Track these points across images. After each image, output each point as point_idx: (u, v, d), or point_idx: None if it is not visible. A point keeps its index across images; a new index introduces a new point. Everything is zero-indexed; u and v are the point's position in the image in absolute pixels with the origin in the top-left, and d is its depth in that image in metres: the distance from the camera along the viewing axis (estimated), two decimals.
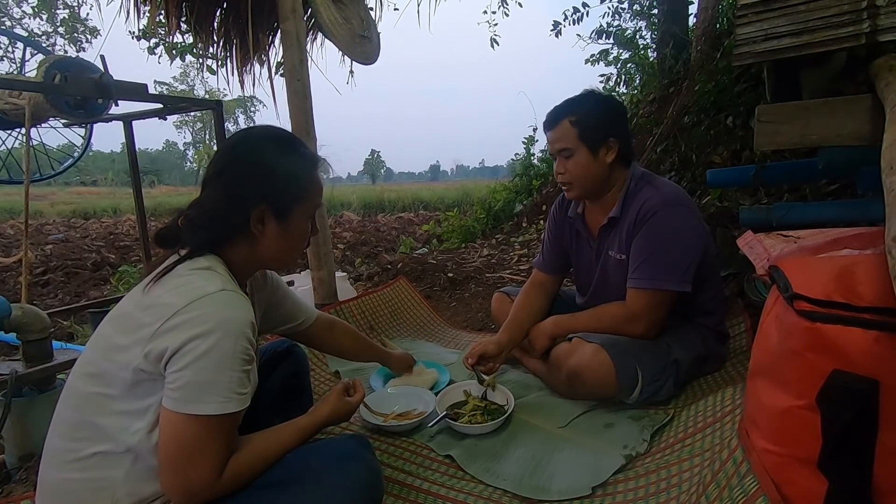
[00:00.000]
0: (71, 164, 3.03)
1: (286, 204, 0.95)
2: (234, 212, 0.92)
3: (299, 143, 1.01)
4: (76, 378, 0.86)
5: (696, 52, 3.59)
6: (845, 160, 1.62)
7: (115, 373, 0.82)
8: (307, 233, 1.02)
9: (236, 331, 0.81)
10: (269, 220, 0.94)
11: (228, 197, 0.92)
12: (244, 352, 0.83)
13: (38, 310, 1.58)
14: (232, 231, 0.93)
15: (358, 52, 2.61)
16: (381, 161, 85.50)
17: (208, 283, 0.84)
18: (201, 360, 0.78)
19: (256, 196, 0.92)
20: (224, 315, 0.81)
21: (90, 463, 0.82)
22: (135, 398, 0.82)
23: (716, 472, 0.85)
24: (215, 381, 0.80)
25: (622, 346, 1.38)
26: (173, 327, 0.79)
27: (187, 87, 23.76)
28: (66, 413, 0.85)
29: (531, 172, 5.55)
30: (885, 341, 0.59)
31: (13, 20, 10.96)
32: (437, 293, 2.97)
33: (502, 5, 5.30)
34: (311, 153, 1.01)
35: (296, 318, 1.30)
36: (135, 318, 0.83)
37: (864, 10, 1.13)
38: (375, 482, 0.96)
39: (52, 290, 4.30)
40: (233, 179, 0.93)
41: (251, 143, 0.96)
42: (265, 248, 0.96)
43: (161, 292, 0.84)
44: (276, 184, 0.93)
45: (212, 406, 0.79)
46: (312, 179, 0.99)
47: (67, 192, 22.99)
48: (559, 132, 1.48)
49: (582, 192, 1.52)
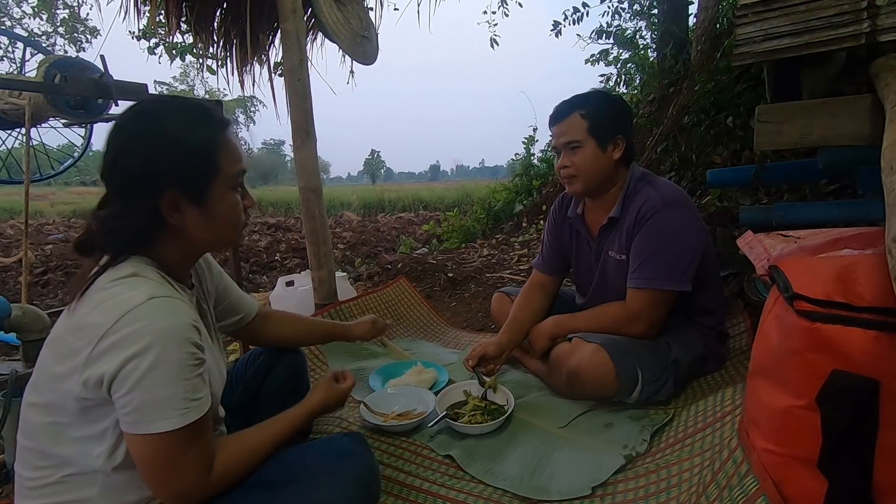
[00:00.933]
0: (71, 164, 3.03)
1: (198, 183, 0.82)
2: (140, 206, 0.80)
3: (199, 110, 0.86)
4: (26, 408, 0.82)
5: (696, 52, 3.59)
6: (845, 160, 1.62)
7: (61, 402, 0.77)
8: (238, 204, 0.88)
9: (177, 339, 0.75)
10: (185, 205, 0.82)
11: (128, 190, 0.80)
12: (190, 357, 0.77)
13: (38, 310, 1.58)
14: (148, 227, 0.82)
15: (359, 52, 2.61)
16: (381, 161, 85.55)
17: (134, 292, 0.75)
18: (147, 379, 0.73)
19: (159, 183, 0.80)
20: (159, 326, 0.74)
21: (61, 488, 0.79)
22: (88, 423, 0.78)
23: (716, 472, 0.85)
24: (168, 395, 0.74)
25: (622, 346, 1.38)
26: (105, 350, 0.73)
27: (187, 87, 23.75)
28: (25, 443, 0.82)
29: (531, 172, 5.55)
30: (885, 341, 0.59)
31: (13, 20, 10.97)
32: (437, 293, 2.97)
33: (502, 5, 5.30)
34: (215, 117, 0.86)
35: (241, 310, 1.20)
36: (66, 342, 0.77)
37: (864, 10, 1.13)
38: (372, 479, 0.96)
39: (52, 290, 4.30)
40: (127, 169, 0.80)
41: (140, 122, 0.82)
42: (192, 235, 0.85)
43: (86, 311, 0.76)
44: (178, 164, 0.80)
45: (172, 421, 0.75)
46: (224, 147, 0.84)
47: (67, 192, 22.96)
48: (568, 124, 1.47)
49: (585, 186, 1.50)
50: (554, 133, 1.52)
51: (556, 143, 1.52)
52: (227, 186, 0.86)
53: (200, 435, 0.80)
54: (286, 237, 6.74)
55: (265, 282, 4.56)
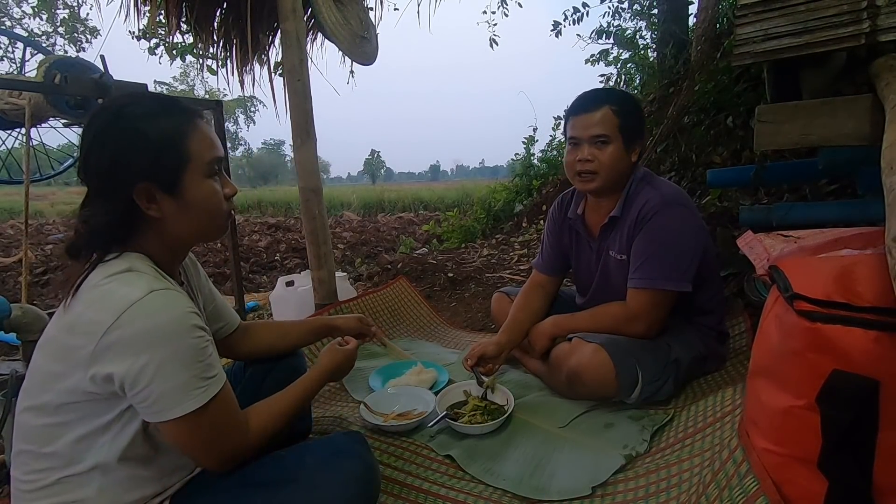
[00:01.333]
0: (71, 164, 3.03)
1: (169, 173, 0.83)
2: (115, 200, 0.81)
3: (165, 101, 0.88)
4: (22, 413, 0.82)
5: (696, 52, 3.58)
6: (845, 160, 1.62)
7: (60, 401, 0.78)
8: (217, 192, 0.89)
9: (183, 328, 0.77)
10: (161, 196, 0.83)
11: (103, 185, 0.82)
12: (200, 342, 0.79)
13: (38, 310, 1.58)
14: (128, 221, 0.83)
15: (358, 52, 2.61)
16: (381, 161, 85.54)
17: (132, 288, 0.76)
18: (162, 372, 0.75)
19: (129, 175, 0.81)
20: (162, 320, 0.75)
21: (56, 489, 0.80)
22: (92, 418, 0.79)
23: (716, 472, 0.85)
24: (186, 380, 0.77)
25: (622, 346, 1.38)
26: (110, 346, 0.74)
27: (187, 87, 23.75)
28: (20, 447, 0.82)
29: (531, 172, 5.55)
30: (885, 341, 0.59)
31: (13, 20, 10.97)
32: (437, 293, 2.97)
33: (502, 5, 5.29)
34: (181, 107, 0.87)
35: (224, 318, 1.18)
36: (61, 342, 0.78)
37: (864, 10, 1.13)
38: (371, 478, 0.96)
39: (52, 290, 4.29)
40: (96, 167, 0.82)
41: (108, 119, 0.83)
42: (174, 227, 0.86)
43: (81, 308, 0.77)
44: (146, 155, 0.81)
45: (195, 401, 0.78)
46: (193, 135, 0.85)
47: (67, 192, 22.93)
48: (600, 117, 1.41)
49: (604, 184, 1.46)
50: (578, 124, 1.45)
51: (579, 133, 1.44)
52: (202, 174, 0.86)
53: (224, 404, 0.84)
54: (286, 237, 6.75)
55: (265, 282, 4.56)
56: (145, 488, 0.84)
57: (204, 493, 0.88)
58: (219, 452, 0.85)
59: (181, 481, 0.90)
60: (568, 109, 1.52)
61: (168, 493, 0.87)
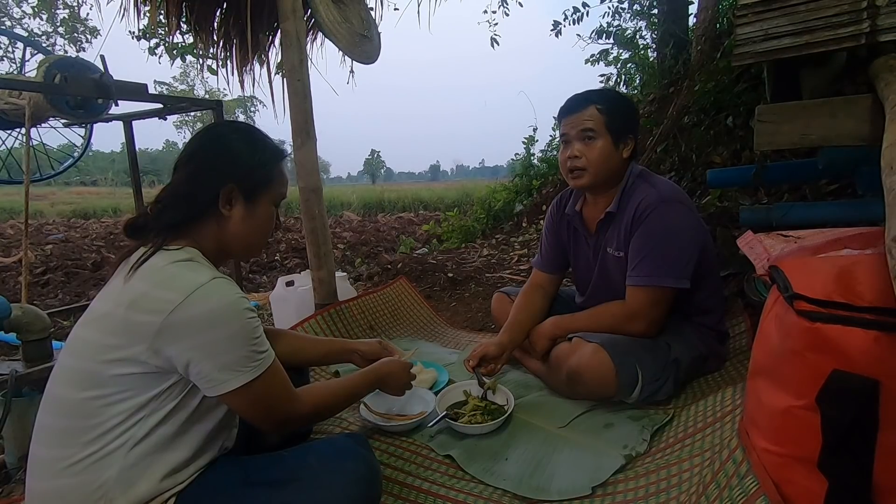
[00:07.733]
0: (71, 164, 3.04)
1: (254, 185, 0.97)
2: (203, 189, 0.94)
3: (267, 137, 1.06)
4: (60, 387, 0.85)
5: (696, 52, 3.59)
6: (845, 160, 1.62)
7: (110, 372, 0.82)
8: (272, 220, 1.04)
9: (240, 309, 0.86)
10: (237, 200, 0.96)
11: (197, 175, 0.95)
12: (253, 321, 0.88)
13: (38, 310, 1.58)
14: (200, 210, 0.94)
15: (358, 51, 2.61)
16: (381, 161, 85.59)
17: (197, 274, 0.85)
18: (223, 348, 0.84)
19: (225, 174, 0.94)
20: (224, 302, 0.84)
21: (80, 467, 0.81)
22: (139, 392, 0.83)
23: (716, 472, 0.85)
24: (243, 356, 0.86)
25: (622, 346, 1.38)
26: (177, 323, 0.81)
27: (187, 87, 23.76)
28: (51, 422, 0.85)
29: (531, 172, 5.54)
30: (885, 341, 0.59)
31: (13, 20, 10.96)
32: (437, 293, 2.97)
33: (502, 5, 5.29)
34: (278, 147, 1.04)
35: None
36: (120, 316, 0.82)
37: (864, 10, 1.13)
38: (373, 479, 0.97)
39: (52, 290, 4.29)
40: (203, 160, 0.96)
41: (221, 131, 1.01)
42: (232, 230, 0.97)
43: (146, 287, 0.83)
44: (244, 165, 0.97)
45: (250, 373, 0.86)
46: (279, 169, 1.03)
47: (67, 192, 22.97)
48: (586, 115, 1.45)
49: (593, 180, 1.48)
50: (566, 123, 1.49)
51: (567, 131, 1.49)
52: (272, 200, 1.02)
53: (276, 377, 0.92)
54: (286, 237, 6.74)
55: (265, 282, 4.56)
56: (156, 480, 0.84)
57: (208, 492, 0.89)
58: (274, 418, 0.94)
59: (187, 481, 0.90)
60: (559, 112, 1.56)
61: (173, 491, 0.87)
